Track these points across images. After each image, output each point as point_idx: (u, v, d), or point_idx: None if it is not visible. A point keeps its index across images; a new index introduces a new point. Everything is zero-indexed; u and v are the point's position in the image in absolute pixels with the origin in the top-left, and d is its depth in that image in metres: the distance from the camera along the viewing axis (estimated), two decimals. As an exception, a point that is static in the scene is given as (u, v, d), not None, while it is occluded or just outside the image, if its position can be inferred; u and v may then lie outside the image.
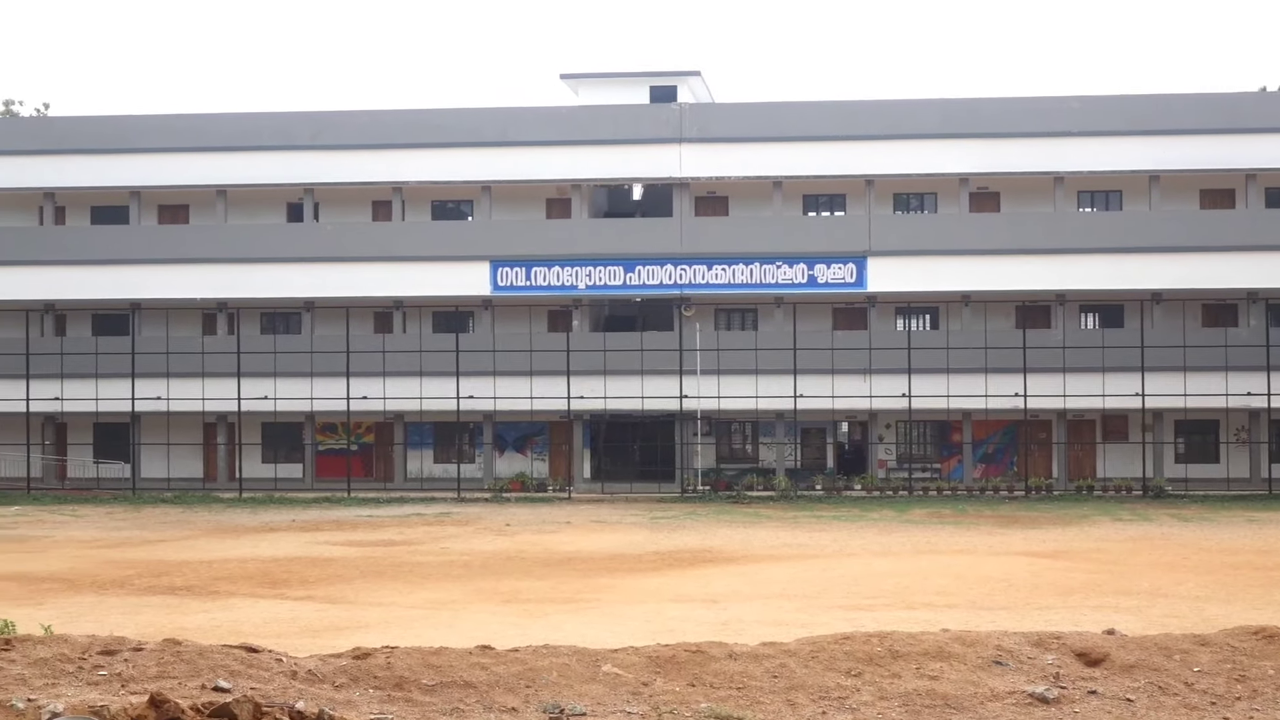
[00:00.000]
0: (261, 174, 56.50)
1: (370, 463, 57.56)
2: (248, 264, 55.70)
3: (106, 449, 57.63)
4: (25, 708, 9.56)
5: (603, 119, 56.04)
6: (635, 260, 54.80)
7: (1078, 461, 54.85)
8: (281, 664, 11.46)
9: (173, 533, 38.54)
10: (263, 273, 55.64)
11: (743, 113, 56.68)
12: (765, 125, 55.33)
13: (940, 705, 11.27)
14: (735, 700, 11.28)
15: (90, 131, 57.70)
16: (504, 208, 57.36)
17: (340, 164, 56.31)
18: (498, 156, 55.83)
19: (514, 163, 55.85)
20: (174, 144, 56.59)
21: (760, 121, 55.55)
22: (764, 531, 37.95)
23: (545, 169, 55.87)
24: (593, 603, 23.61)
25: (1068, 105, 54.75)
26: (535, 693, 11.22)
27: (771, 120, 55.53)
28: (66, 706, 9.57)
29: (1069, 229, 54.03)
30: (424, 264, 55.20)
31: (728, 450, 57.45)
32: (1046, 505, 47.16)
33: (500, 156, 55.83)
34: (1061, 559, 30.47)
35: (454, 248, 55.52)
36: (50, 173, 57.06)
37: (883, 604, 23.00)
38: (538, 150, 55.76)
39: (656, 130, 55.52)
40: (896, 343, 52.95)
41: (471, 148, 55.90)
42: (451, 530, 38.69)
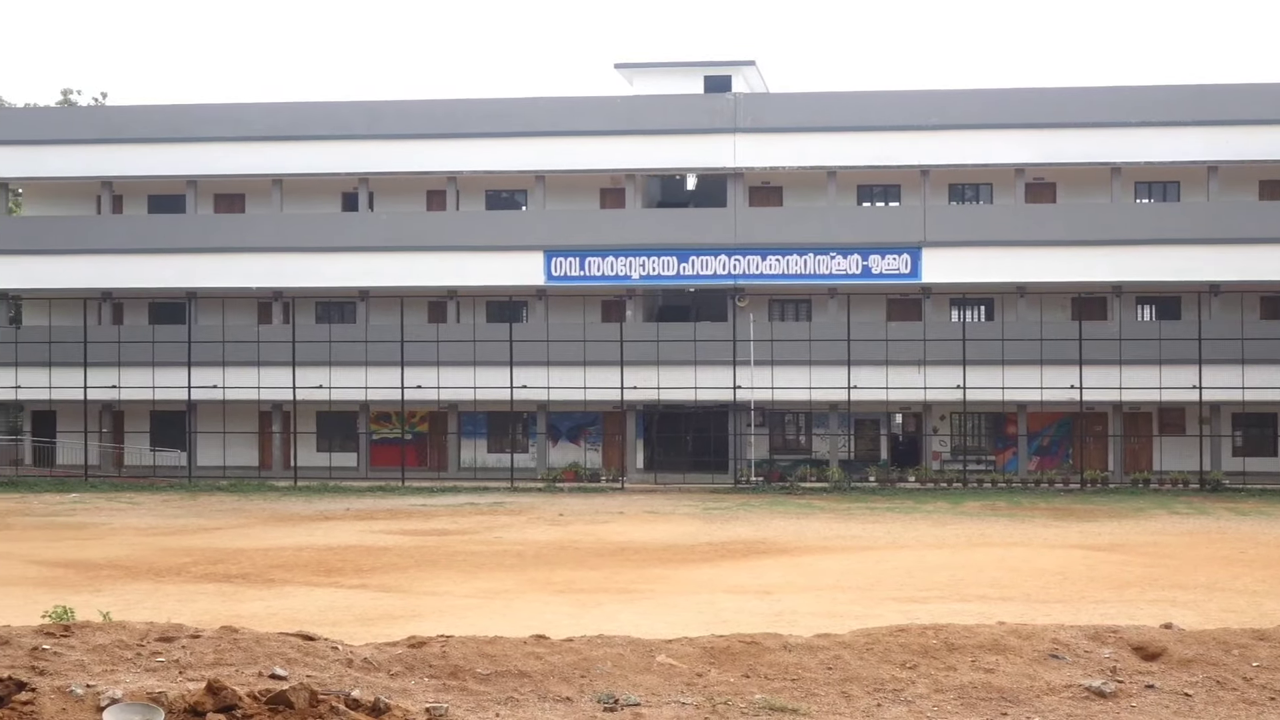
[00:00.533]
0: (317, 163, 56.72)
1: (424, 452, 57.73)
2: (303, 253, 55.93)
3: (163, 437, 58.03)
4: (84, 694, 9.63)
5: (657, 109, 56.00)
6: (689, 250, 54.75)
7: (1134, 454, 54.47)
8: (337, 652, 11.51)
9: (228, 521, 38.78)
10: (318, 262, 55.86)
11: (797, 103, 56.53)
12: (820, 115, 55.16)
13: (996, 698, 11.23)
14: (790, 692, 11.26)
15: (147, 121, 58.05)
16: (558, 198, 57.38)
17: (395, 153, 56.46)
18: (552, 146, 55.86)
19: (568, 152, 55.87)
20: (230, 133, 56.86)
21: (815, 111, 55.39)
22: (817, 523, 37.87)
23: (599, 159, 55.87)
24: (646, 593, 23.61)
25: (1125, 95, 54.36)
26: (590, 682, 11.23)
27: (826, 110, 55.36)
28: (125, 693, 9.63)
29: (1126, 220, 53.64)
30: (478, 254, 55.29)
31: (781, 441, 57.33)
32: (1102, 498, 46.87)
33: (555, 146, 55.85)
34: (1117, 552, 30.28)
35: (508, 237, 55.61)
36: (108, 162, 57.43)
37: (937, 596, 22.92)
38: (592, 140, 55.76)
39: (711, 120, 55.43)
40: (951, 334, 52.71)
41: (526, 137, 55.94)
42: (505, 520, 38.77)
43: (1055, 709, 11.01)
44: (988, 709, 11.00)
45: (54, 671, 10.38)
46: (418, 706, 10.13)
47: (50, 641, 11.28)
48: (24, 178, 58.99)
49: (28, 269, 57.07)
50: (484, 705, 10.51)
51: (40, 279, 56.94)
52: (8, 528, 37.02)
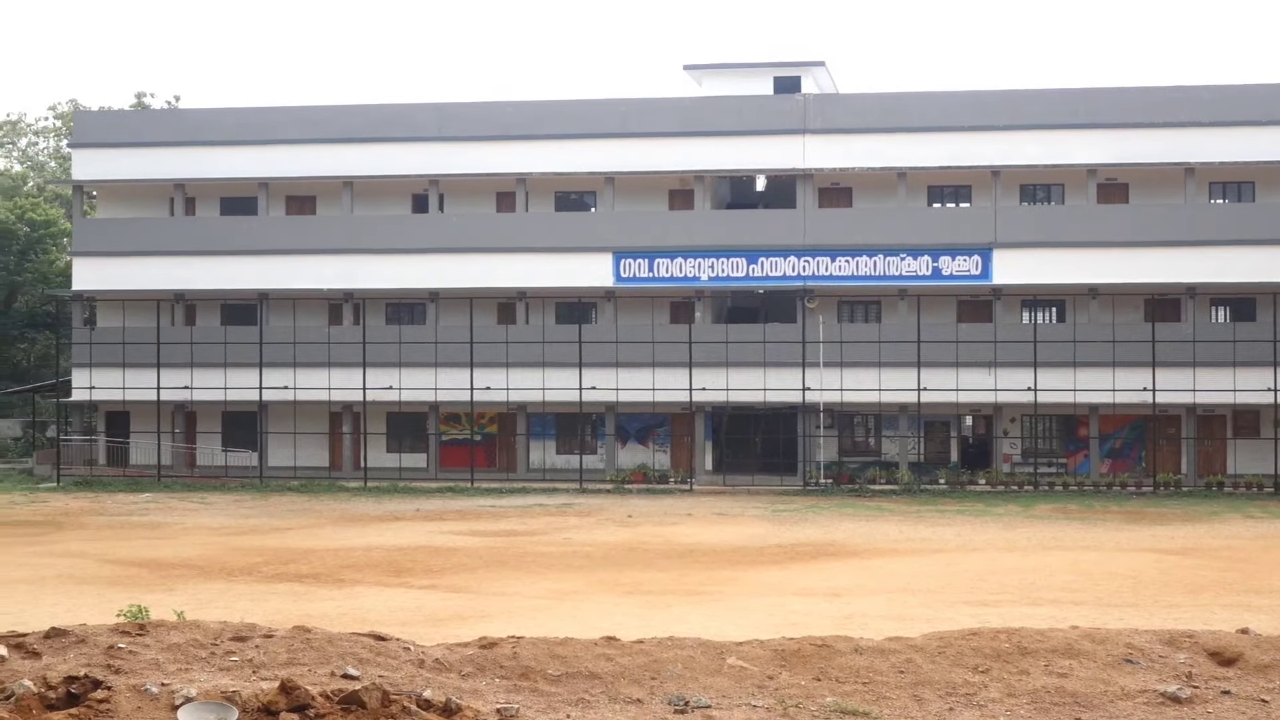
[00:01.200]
0: (387, 165, 57.01)
1: (493, 453, 57.88)
2: (373, 255, 56.23)
3: (234, 437, 58.44)
4: (159, 692, 9.70)
5: (726, 110, 55.94)
6: (758, 252, 54.66)
7: (1207, 457, 53.93)
8: (409, 652, 11.54)
9: (299, 521, 39.05)
10: (388, 263, 56.15)
11: (867, 103, 56.34)
12: (890, 116, 54.96)
13: (1070, 703, 11.14)
14: (861, 695, 11.21)
15: (220, 123, 58.55)
16: (627, 199, 57.40)
17: (465, 155, 56.66)
18: (621, 148, 55.91)
19: (637, 154, 55.89)
20: (302, 135, 57.25)
21: (885, 112, 55.19)
22: (887, 525, 37.75)
23: (668, 160, 55.87)
24: (715, 595, 23.60)
25: (1199, 95, 53.85)
26: (660, 684, 11.21)
27: (896, 111, 55.14)
28: (199, 691, 9.70)
29: (1200, 221, 53.14)
30: (547, 255, 55.41)
31: (850, 443, 57.12)
32: (1175, 501, 46.46)
33: (624, 148, 55.90)
34: (1191, 556, 30.01)
35: (577, 239, 55.71)
36: (181, 164, 57.94)
37: (1008, 600, 22.79)
38: (661, 141, 55.75)
39: (780, 121, 55.31)
40: (1022, 336, 52.37)
41: (595, 139, 56.02)
42: (573, 521, 38.85)
43: (1129, 714, 10.91)
44: (1061, 714, 10.91)
45: (129, 670, 10.47)
46: (489, 707, 10.15)
47: (126, 640, 11.37)
48: (99, 180, 59.54)
49: (102, 271, 57.67)
50: (555, 706, 10.52)
51: (114, 281, 57.51)
52: (82, 527, 37.43)
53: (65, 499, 46.87)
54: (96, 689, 9.79)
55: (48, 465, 55.81)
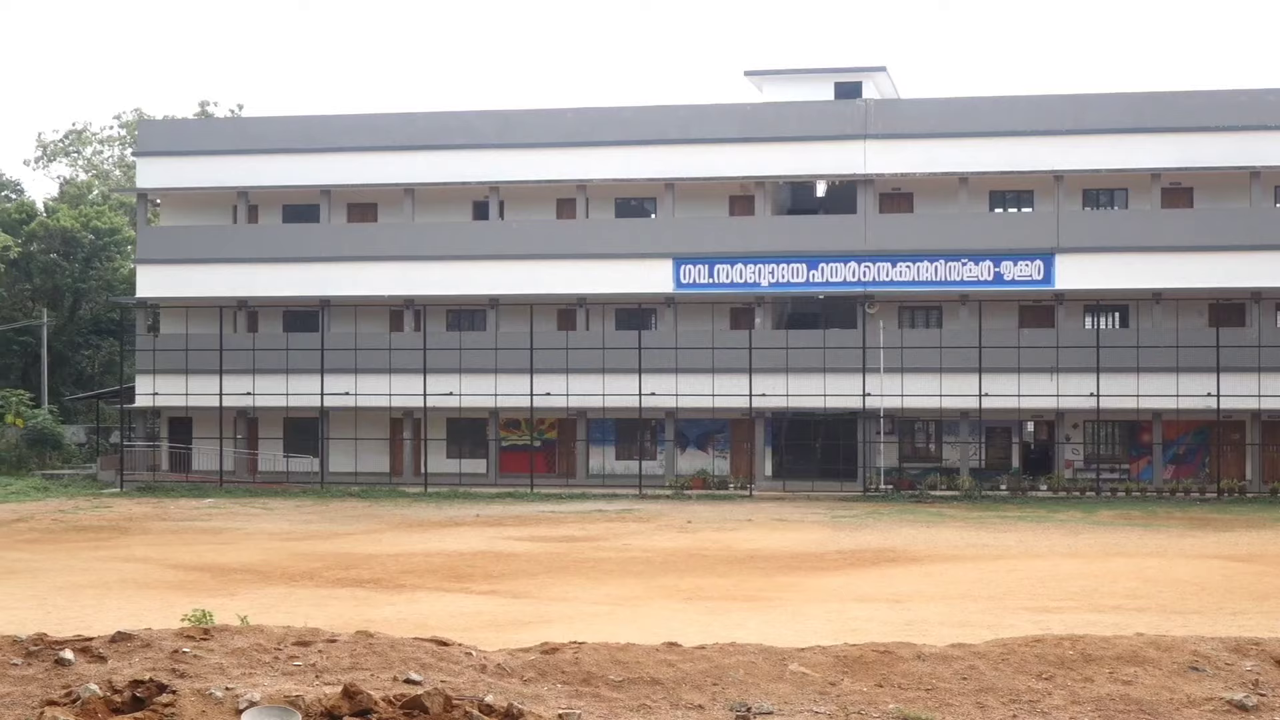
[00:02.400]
0: (448, 173, 57.19)
1: (553, 459, 57.97)
2: (434, 261, 56.42)
3: (296, 443, 58.74)
4: (223, 696, 9.77)
5: (787, 116, 55.85)
6: (818, 258, 54.54)
7: (1273, 463, 53.43)
8: (471, 658, 11.58)
9: (360, 526, 39.21)
10: (448, 270, 56.33)
11: (928, 108, 56.13)
12: (951, 121, 54.73)
13: (1135, 711, 11.06)
14: (924, 702, 11.16)
15: (282, 132, 58.93)
16: (687, 205, 57.39)
17: (525, 162, 56.78)
18: (681, 154, 55.90)
19: (697, 160, 55.87)
20: (363, 143, 57.55)
21: (946, 117, 54.97)
22: (948, 531, 37.58)
23: (728, 166, 55.81)
24: (775, 601, 23.54)
25: (1264, 98, 53.37)
26: (722, 690, 11.20)
27: (957, 115, 54.92)
28: (263, 696, 9.76)
29: (1265, 225, 52.67)
30: (607, 261, 55.46)
31: (910, 449, 56.90)
32: (1239, 508, 46.04)
33: (684, 154, 55.89)
34: (1256, 563, 29.72)
35: (637, 245, 55.75)
36: (243, 172, 58.33)
37: (1070, 606, 22.63)
38: (721, 147, 55.71)
39: (840, 127, 55.18)
40: (1085, 341, 52.05)
41: (655, 145, 56.03)
42: (633, 527, 38.85)
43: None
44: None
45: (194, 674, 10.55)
46: (550, 713, 10.16)
47: (190, 645, 11.46)
48: (163, 188, 59.97)
49: (165, 278, 58.12)
50: (616, 712, 10.52)
51: (177, 288, 57.97)
52: (146, 532, 37.72)
53: (129, 504, 47.24)
54: (161, 693, 9.86)
55: (111, 471, 56.28)
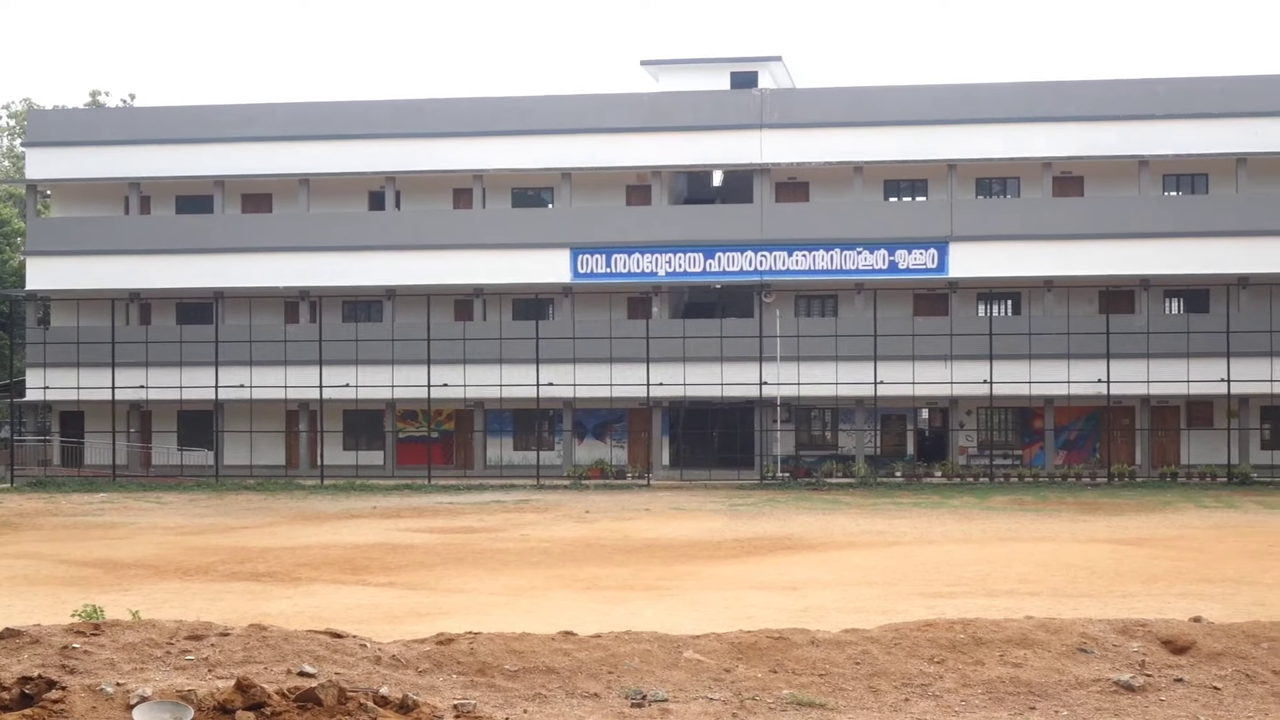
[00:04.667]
0: (343, 163, 56.85)
1: (450, 450, 57.81)
2: (330, 252, 56.05)
3: (190, 436, 58.18)
4: (114, 692, 9.68)
5: (683, 105, 55.97)
6: (715, 247, 54.74)
7: (1161, 448, 54.30)
8: (366, 649, 11.54)
9: (255, 519, 38.88)
10: (344, 261, 55.97)
11: (824, 98, 56.48)
12: (846, 110, 55.09)
13: (1024, 693, 11.21)
14: (818, 687, 11.26)
15: (175, 121, 58.28)
16: (584, 195, 57.38)
17: (422, 152, 56.54)
18: (578, 143, 55.90)
19: (594, 149, 55.89)
20: (257, 133, 57.06)
21: (841, 106, 55.33)
22: (844, 518, 37.83)
23: (626, 155, 55.87)
24: (673, 589, 23.60)
25: (1153, 88, 54.17)
26: (617, 678, 11.24)
27: (853, 105, 55.29)
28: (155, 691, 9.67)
29: (1154, 213, 53.47)
30: (504, 251, 55.37)
31: (807, 437, 57.28)
32: (1129, 492, 46.72)
33: (581, 143, 55.90)
34: (1145, 546, 30.18)
35: (534, 235, 55.69)
36: (136, 163, 57.63)
37: (964, 591, 22.86)
38: (618, 137, 55.77)
39: (737, 116, 55.40)
40: (978, 329, 52.61)
41: (552, 135, 55.99)
42: (531, 517, 38.79)
43: (1084, 703, 10.99)
44: (1016, 703, 10.99)
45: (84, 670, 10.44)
46: (446, 703, 10.15)
47: (80, 640, 11.33)
48: (53, 179, 59.15)
49: (56, 270, 57.33)
50: (512, 702, 10.53)
51: (68, 280, 57.20)
52: (37, 528, 37.18)
53: (19, 500, 46.56)
54: (51, 689, 9.75)
55: (1, 466, 55.44)
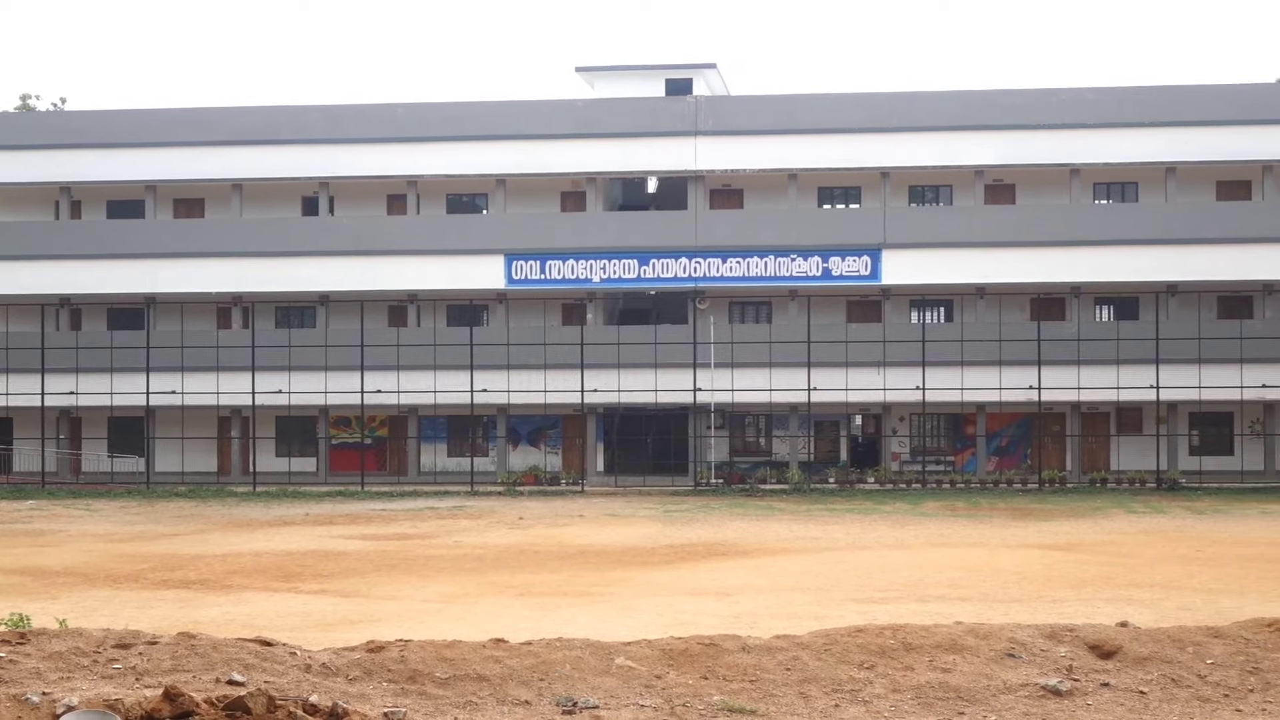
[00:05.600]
0: (277, 168, 56.58)
1: (384, 456, 57.62)
2: (263, 258, 55.76)
3: (121, 443, 57.72)
4: (40, 701, 9.58)
5: (618, 112, 56.04)
6: (649, 253, 54.80)
7: (1091, 454, 54.77)
8: (295, 657, 11.48)
9: (186, 527, 38.61)
10: (277, 266, 55.70)
11: (758, 105, 56.66)
12: (780, 118, 55.31)
13: (953, 697, 11.27)
14: (748, 693, 11.28)
15: (106, 126, 57.83)
16: (519, 201, 57.36)
17: (355, 158, 56.36)
18: (513, 150, 55.85)
19: (529, 156, 55.86)
20: (190, 138, 56.71)
21: (775, 114, 55.53)
22: (777, 525, 37.93)
23: (560, 162, 55.89)
24: (606, 596, 23.60)
25: (1084, 97, 54.66)
26: (548, 685, 11.22)
27: (787, 113, 55.50)
28: (81, 700, 9.59)
29: (1084, 221, 53.94)
30: (438, 257, 55.24)
31: (741, 443, 57.44)
32: (1060, 498, 47.09)
33: (515, 150, 55.85)
34: (1075, 551, 30.43)
35: (468, 241, 55.59)
36: (66, 167, 57.17)
37: (896, 597, 22.97)
38: (553, 143, 55.76)
39: (671, 123, 55.51)
40: (911, 335, 52.91)
41: (486, 141, 55.92)
42: (465, 524, 38.70)
43: (1012, 708, 11.06)
44: (945, 708, 11.04)
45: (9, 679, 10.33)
46: (375, 711, 10.11)
47: (5, 649, 11.21)
48: (-20, 183, 58.64)
49: (-15, 275, 56.78)
50: (442, 709, 10.50)
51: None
52: (-35, 535, 36.77)
53: (-53, 507, 46.04)
54: (-25, 699, 9.64)
55: (-72, 473, 54.92)
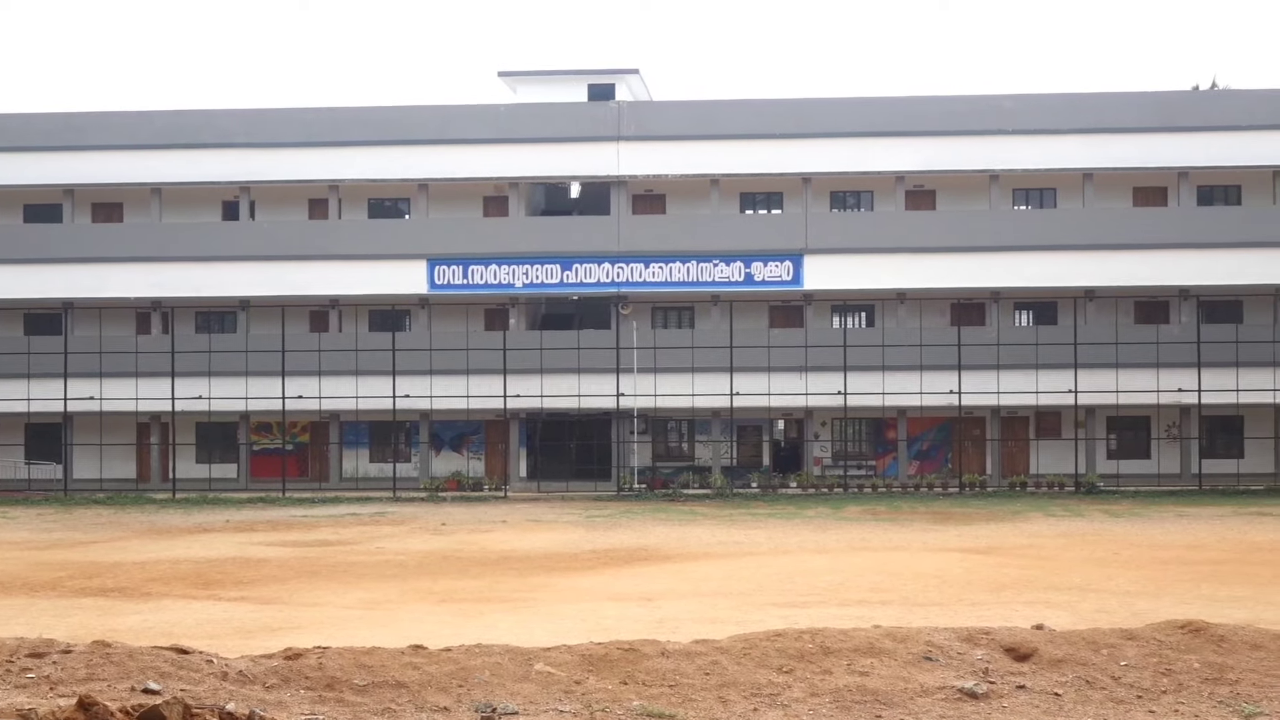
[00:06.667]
0: (197, 172, 56.13)
1: (306, 462, 57.30)
2: (183, 263, 55.31)
3: (38, 450, 57.10)
4: (-49, 711, 9.49)
5: (540, 117, 55.98)
6: (572, 258, 54.79)
7: (1011, 458, 55.23)
8: (212, 665, 11.41)
9: (105, 534, 38.24)
10: (198, 271, 55.26)
11: (680, 110, 56.76)
12: (703, 123, 55.43)
13: (871, 701, 11.35)
14: (667, 698, 11.32)
15: (23, 128, 57.15)
16: (441, 206, 57.23)
17: (276, 162, 55.99)
18: (435, 154, 55.68)
19: (451, 161, 55.70)
20: (108, 141, 56.17)
21: (698, 119, 55.65)
22: (700, 529, 37.99)
23: (483, 167, 55.75)
24: (528, 602, 23.58)
25: (1003, 104, 55.10)
26: (468, 692, 11.22)
27: (709, 118, 55.63)
28: (-7, 710, 9.50)
29: (1004, 227, 54.38)
30: (360, 262, 54.99)
31: (664, 448, 57.51)
32: (980, 502, 47.45)
33: (438, 154, 55.68)
34: (994, 555, 30.67)
35: (391, 246, 55.34)
36: (-19, 171, 56.53)
37: (817, 601, 23.07)
38: (475, 148, 55.62)
39: (594, 128, 55.50)
40: (832, 340, 53.15)
41: (409, 146, 55.71)
42: (387, 530, 38.55)
43: (928, 710, 11.15)
44: (862, 711, 11.12)
45: (-80, 689, 10.22)
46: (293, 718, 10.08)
47: (-83, 659, 11.10)
48: (-106, 186, 57.86)
49: (-102, 280, 56.04)
50: (360, 716, 10.47)
51: (-89, 289, 55.94)
52: (-123, 544, 36.27)
53: None
54: (-115, 709, 9.54)
55: None
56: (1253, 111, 54.42)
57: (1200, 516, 40.95)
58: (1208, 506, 44.61)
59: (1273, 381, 52.04)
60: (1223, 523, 39.00)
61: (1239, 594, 23.78)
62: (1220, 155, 54.09)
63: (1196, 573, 27.14)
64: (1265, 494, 49.40)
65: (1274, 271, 53.38)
